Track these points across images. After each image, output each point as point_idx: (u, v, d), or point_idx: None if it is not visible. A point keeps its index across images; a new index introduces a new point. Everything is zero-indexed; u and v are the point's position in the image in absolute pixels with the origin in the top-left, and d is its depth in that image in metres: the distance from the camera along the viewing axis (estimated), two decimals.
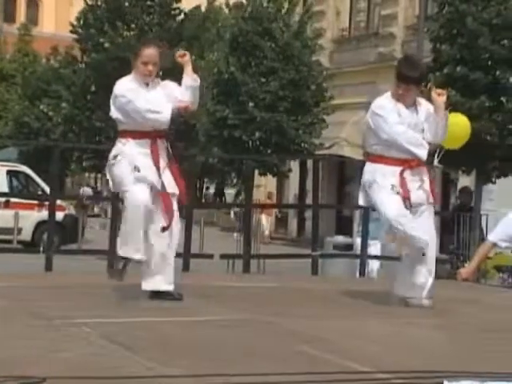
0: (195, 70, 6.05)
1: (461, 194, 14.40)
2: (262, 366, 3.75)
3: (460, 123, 7.12)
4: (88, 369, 3.57)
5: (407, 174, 6.07)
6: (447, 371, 3.59)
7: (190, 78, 5.90)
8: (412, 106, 6.23)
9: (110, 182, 5.97)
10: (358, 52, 27.69)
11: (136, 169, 5.74)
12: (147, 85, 5.87)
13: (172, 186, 5.84)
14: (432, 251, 6.29)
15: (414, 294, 6.19)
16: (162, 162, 5.83)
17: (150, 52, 5.89)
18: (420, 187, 6.14)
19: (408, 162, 6.08)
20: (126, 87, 5.85)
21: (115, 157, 5.84)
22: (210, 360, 3.95)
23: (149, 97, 5.80)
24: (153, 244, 5.83)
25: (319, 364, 3.93)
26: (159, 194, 5.79)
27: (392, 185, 6.04)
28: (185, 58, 5.92)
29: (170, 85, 5.98)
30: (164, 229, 5.76)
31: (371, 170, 6.16)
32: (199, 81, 5.94)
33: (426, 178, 6.21)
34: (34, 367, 3.49)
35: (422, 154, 6.10)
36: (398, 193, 6.02)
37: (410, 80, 6.22)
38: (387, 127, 6.08)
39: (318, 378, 3.41)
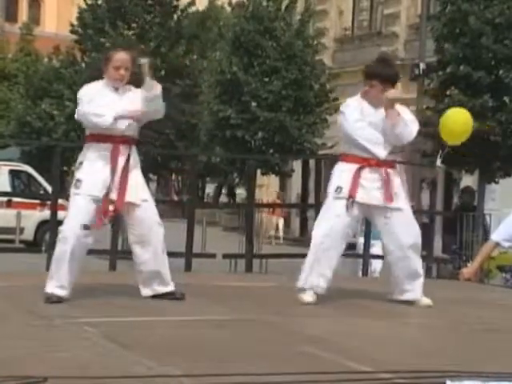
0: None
1: (463, 194, 14.39)
2: (263, 366, 3.75)
3: (459, 119, 7.06)
4: (89, 368, 3.57)
5: (365, 173, 6.03)
6: (449, 371, 3.58)
7: (146, 88, 5.80)
8: (381, 106, 6.16)
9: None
10: (361, 51, 27.66)
11: (77, 184, 5.68)
12: (117, 89, 5.81)
13: (131, 195, 5.73)
14: (417, 252, 6.24)
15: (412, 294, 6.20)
16: (124, 169, 5.71)
17: (121, 56, 5.85)
18: (380, 188, 6.06)
19: (367, 161, 6.04)
20: (85, 90, 5.84)
21: (80, 163, 5.80)
22: (210, 360, 3.95)
23: (115, 101, 5.75)
24: (136, 253, 5.82)
25: (321, 364, 3.92)
26: (117, 201, 5.69)
27: (338, 186, 6.02)
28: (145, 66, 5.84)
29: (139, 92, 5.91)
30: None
31: (333, 170, 6.21)
32: (159, 89, 5.82)
33: (394, 179, 6.11)
34: (35, 367, 3.49)
35: (380, 152, 6.03)
36: (341, 194, 5.98)
37: (389, 78, 6.25)
38: (346, 124, 6.09)
39: (320, 378, 3.41)
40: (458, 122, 6.83)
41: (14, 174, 22.59)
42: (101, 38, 23.08)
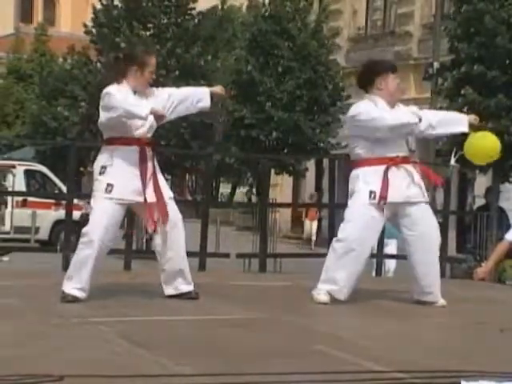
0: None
1: (487, 194, 14.35)
2: (276, 365, 3.75)
3: (489, 146, 6.99)
4: (104, 367, 3.58)
5: (392, 172, 6.01)
6: (464, 371, 3.58)
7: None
8: (396, 100, 6.21)
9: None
10: (375, 51, 27.58)
11: (108, 188, 5.64)
12: (135, 93, 5.77)
13: (156, 196, 5.73)
14: (436, 250, 6.24)
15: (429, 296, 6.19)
16: (149, 171, 5.74)
17: (154, 61, 5.90)
18: (410, 184, 6.06)
19: (393, 160, 6.02)
20: (113, 88, 5.75)
21: (103, 167, 5.72)
22: (224, 359, 3.95)
23: (142, 100, 5.76)
24: (161, 251, 5.83)
25: (334, 363, 3.92)
26: (143, 204, 5.73)
27: (370, 191, 5.96)
28: None
29: (161, 93, 5.96)
30: (154, 230, 5.73)
31: (354, 176, 6.11)
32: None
33: (416, 174, 6.13)
34: (52, 365, 3.51)
35: (403, 149, 6.13)
36: (375, 200, 5.94)
37: (393, 68, 6.30)
38: (380, 123, 5.99)
39: (334, 378, 3.41)
40: (487, 147, 6.78)
41: (29, 174, 22.67)
42: (116, 37, 23.09)
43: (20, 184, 21.69)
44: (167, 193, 5.85)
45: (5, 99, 40.44)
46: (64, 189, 15.64)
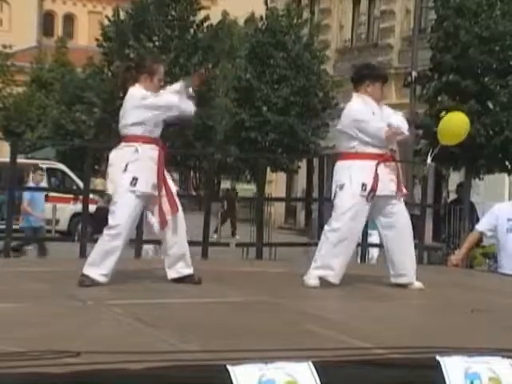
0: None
1: (459, 188, 14.36)
2: (271, 343, 3.75)
3: (458, 122, 7.02)
4: (117, 344, 3.58)
5: (381, 167, 6.00)
6: (439, 347, 3.58)
7: (186, 83, 5.97)
8: (380, 102, 6.23)
9: (110, 185, 5.79)
10: (359, 61, 27.55)
11: (133, 182, 5.63)
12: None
13: (166, 190, 5.77)
14: (410, 240, 6.23)
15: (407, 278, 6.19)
16: (162, 169, 5.79)
17: (163, 69, 5.93)
18: (393, 179, 6.06)
19: (383, 156, 6.02)
20: (142, 90, 5.77)
21: (127, 164, 5.68)
22: (225, 337, 3.95)
23: None
24: (166, 238, 5.83)
25: (324, 341, 3.93)
26: (158, 196, 5.73)
27: (363, 183, 5.93)
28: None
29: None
30: (162, 227, 5.75)
31: (344, 168, 6.02)
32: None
33: (397, 172, 6.13)
34: (69, 343, 3.50)
35: (392, 147, 6.12)
36: (365, 190, 5.91)
37: (385, 78, 6.29)
38: (368, 125, 6.00)
39: (319, 354, 3.41)
40: (456, 124, 6.80)
41: (51, 172, 22.66)
42: (125, 49, 23.11)
43: (42, 181, 21.65)
44: (173, 188, 5.87)
45: (28, 105, 40.40)
46: (81, 185, 15.62)
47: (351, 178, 5.95)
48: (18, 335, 3.74)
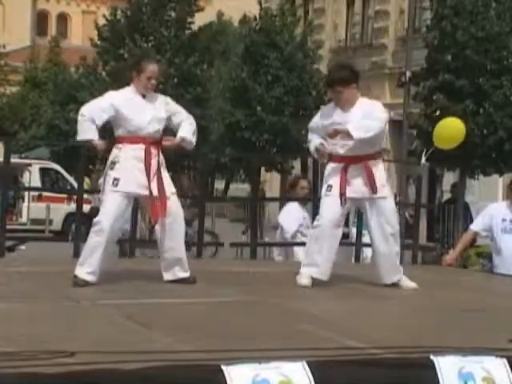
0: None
1: (453, 189, 14.40)
2: (266, 343, 3.76)
3: (456, 127, 7.04)
4: (112, 344, 3.58)
5: (351, 170, 6.00)
6: (433, 347, 3.59)
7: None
8: (350, 106, 6.06)
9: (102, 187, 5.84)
10: (353, 61, 27.57)
11: (115, 182, 5.66)
12: (144, 96, 5.82)
13: (160, 190, 5.73)
14: (396, 240, 6.18)
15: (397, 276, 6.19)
16: (153, 168, 5.73)
17: (154, 68, 5.87)
18: (365, 181, 6.02)
19: (352, 160, 6.00)
20: (113, 95, 5.87)
21: (113, 163, 5.73)
22: (219, 337, 3.96)
23: (143, 106, 5.78)
24: (162, 241, 5.83)
25: (318, 341, 3.93)
26: (148, 197, 5.73)
27: (328, 185, 6.03)
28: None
29: (173, 106, 6.00)
30: (152, 227, 5.78)
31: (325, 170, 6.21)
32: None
33: (375, 171, 6.04)
34: (63, 343, 3.50)
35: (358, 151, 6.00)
36: (330, 192, 5.98)
37: (335, 82, 6.12)
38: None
39: (318, 353, 3.41)
40: (453, 129, 6.79)
41: (44, 172, 22.64)
42: (120, 50, 23.09)
43: (36, 180, 21.66)
44: (170, 188, 5.83)
45: (22, 104, 40.32)
46: (75, 185, 15.60)
47: (324, 179, 6.16)
48: (11, 335, 3.74)
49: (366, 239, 10.80)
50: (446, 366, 3.33)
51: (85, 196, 8.93)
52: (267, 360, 3.12)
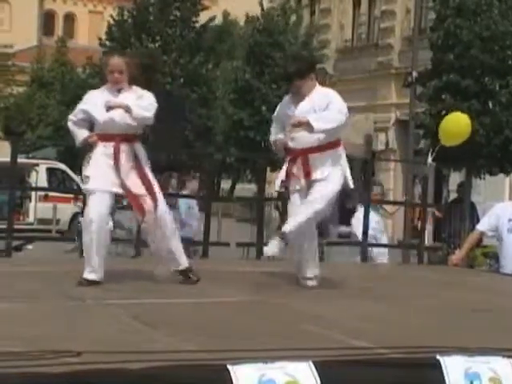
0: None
1: (460, 188, 14.37)
2: (271, 343, 3.75)
3: (462, 122, 7.01)
4: (116, 344, 3.57)
5: (291, 163, 6.00)
6: (440, 346, 3.57)
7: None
8: (302, 99, 6.03)
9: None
10: (360, 61, 27.63)
11: (86, 180, 5.67)
12: (119, 91, 5.73)
13: (138, 187, 5.66)
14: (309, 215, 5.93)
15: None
16: (126, 165, 5.64)
17: (114, 61, 5.77)
18: (299, 174, 6.00)
19: (293, 152, 5.99)
20: (87, 94, 5.87)
21: (86, 161, 5.74)
22: (223, 337, 3.94)
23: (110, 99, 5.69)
24: (149, 237, 5.82)
25: (324, 341, 3.92)
26: (126, 194, 5.70)
27: (282, 180, 6.06)
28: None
29: (144, 100, 5.75)
30: (142, 221, 5.73)
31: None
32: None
33: (314, 161, 5.96)
34: (69, 342, 3.50)
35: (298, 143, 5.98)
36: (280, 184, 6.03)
37: (292, 75, 6.08)
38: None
39: (324, 353, 3.40)
40: (458, 124, 6.76)
41: (51, 171, 22.68)
42: (127, 49, 23.13)
43: (42, 180, 21.70)
44: (149, 186, 5.68)
45: (29, 104, 40.40)
46: (82, 184, 15.62)
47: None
48: (16, 335, 3.73)
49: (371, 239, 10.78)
50: (453, 365, 3.31)
51: None
52: (273, 360, 3.11)
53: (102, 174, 5.64)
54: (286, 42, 23.26)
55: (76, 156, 9.69)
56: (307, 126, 5.85)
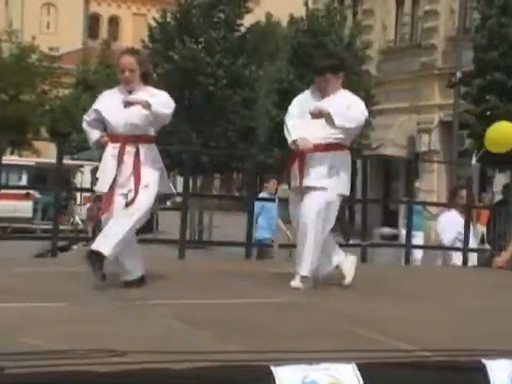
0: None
1: (505, 190, 14.21)
2: (314, 344, 3.74)
3: (508, 132, 6.94)
4: (162, 344, 3.60)
5: (301, 159, 5.94)
6: (484, 350, 3.54)
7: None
8: (332, 95, 5.99)
9: None
10: (403, 62, 27.44)
11: (96, 182, 5.61)
12: (130, 92, 5.56)
13: (125, 188, 5.48)
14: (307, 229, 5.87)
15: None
16: (127, 166, 5.46)
17: (124, 60, 5.59)
18: (296, 175, 5.96)
19: (295, 151, 5.95)
20: (102, 94, 5.79)
21: (100, 160, 5.72)
22: (267, 338, 3.95)
23: (118, 104, 5.51)
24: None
25: (366, 342, 3.90)
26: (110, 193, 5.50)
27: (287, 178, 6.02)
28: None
29: (157, 98, 5.52)
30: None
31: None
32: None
33: (313, 162, 5.91)
34: (116, 342, 3.53)
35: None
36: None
37: (325, 69, 6.04)
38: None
39: (367, 355, 3.38)
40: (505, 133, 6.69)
41: (96, 173, 22.83)
42: (170, 51, 23.26)
43: (87, 181, 21.89)
44: (143, 183, 5.47)
45: (74, 106, 40.85)
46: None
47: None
48: (64, 334, 3.78)
49: (415, 241, 10.74)
50: (498, 370, 3.28)
51: None
52: (316, 361, 3.11)
53: (106, 176, 5.52)
54: (330, 42, 23.20)
55: None
56: (328, 118, 5.78)
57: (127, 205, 5.42)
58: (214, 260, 6.36)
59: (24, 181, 23.22)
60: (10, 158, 22.72)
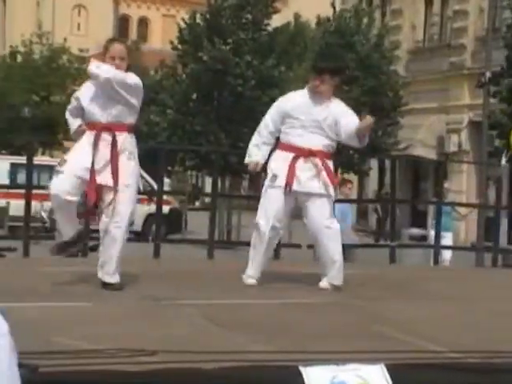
0: None
1: None
2: (342, 345, 3.73)
3: None
4: (190, 344, 3.61)
5: (299, 162, 5.82)
6: None
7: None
8: (323, 102, 5.93)
9: None
10: (432, 62, 27.25)
11: (62, 162, 5.48)
12: None
13: (105, 178, 5.41)
14: (332, 235, 5.92)
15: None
16: (103, 154, 5.37)
17: (116, 47, 5.53)
18: (313, 177, 5.85)
19: (300, 150, 5.83)
20: (85, 84, 5.66)
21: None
22: (294, 338, 3.94)
23: (97, 91, 5.46)
24: (101, 239, 5.60)
25: (395, 343, 3.88)
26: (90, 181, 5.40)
27: (274, 175, 5.84)
28: None
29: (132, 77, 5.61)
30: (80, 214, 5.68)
31: (271, 157, 5.98)
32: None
33: (323, 169, 5.85)
34: (145, 341, 3.54)
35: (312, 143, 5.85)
36: (276, 183, 5.80)
37: (326, 70, 5.99)
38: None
39: (395, 356, 3.36)
40: None
41: None
42: (199, 52, 23.33)
43: None
44: (122, 180, 5.41)
45: None
46: (155, 186, 15.82)
47: (268, 169, 5.96)
48: (94, 334, 3.81)
49: (444, 241, 10.67)
50: None
51: (164, 197, 9.03)
52: (345, 362, 3.09)
53: (76, 159, 5.43)
54: (357, 43, 23.14)
55: (149, 157, 9.77)
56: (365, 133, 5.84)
57: (112, 210, 5.46)
58: (242, 260, 6.35)
59: None
60: (41, 159, 22.88)
